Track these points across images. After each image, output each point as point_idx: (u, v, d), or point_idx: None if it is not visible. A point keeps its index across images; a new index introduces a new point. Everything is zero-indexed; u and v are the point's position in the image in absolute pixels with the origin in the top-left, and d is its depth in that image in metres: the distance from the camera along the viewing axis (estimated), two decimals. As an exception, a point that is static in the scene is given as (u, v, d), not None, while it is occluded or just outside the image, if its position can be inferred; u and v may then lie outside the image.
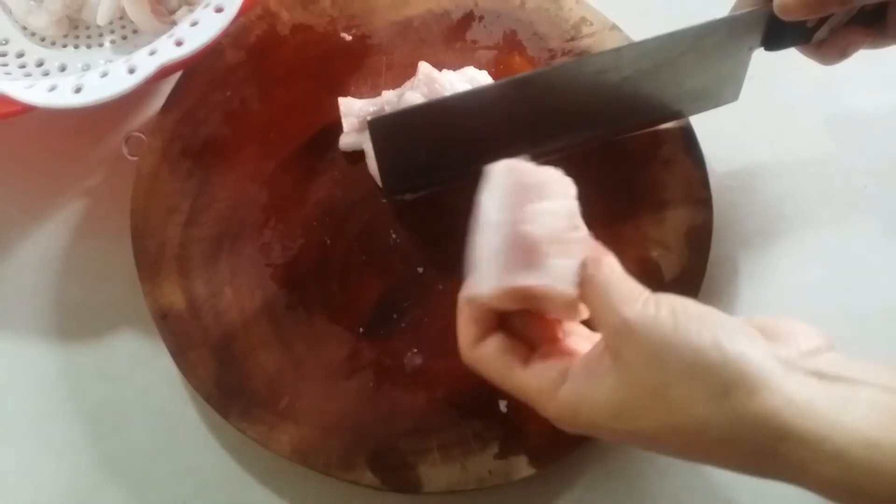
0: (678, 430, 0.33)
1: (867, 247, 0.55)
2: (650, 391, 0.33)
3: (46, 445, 0.50)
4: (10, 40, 0.59)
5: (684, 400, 0.32)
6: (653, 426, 0.33)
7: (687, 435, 0.33)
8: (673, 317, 0.33)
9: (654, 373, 0.33)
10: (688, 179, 0.53)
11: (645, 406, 0.33)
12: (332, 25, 0.58)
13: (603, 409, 0.34)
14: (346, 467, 0.46)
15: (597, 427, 0.35)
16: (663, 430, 0.33)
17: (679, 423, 0.33)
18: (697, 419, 0.32)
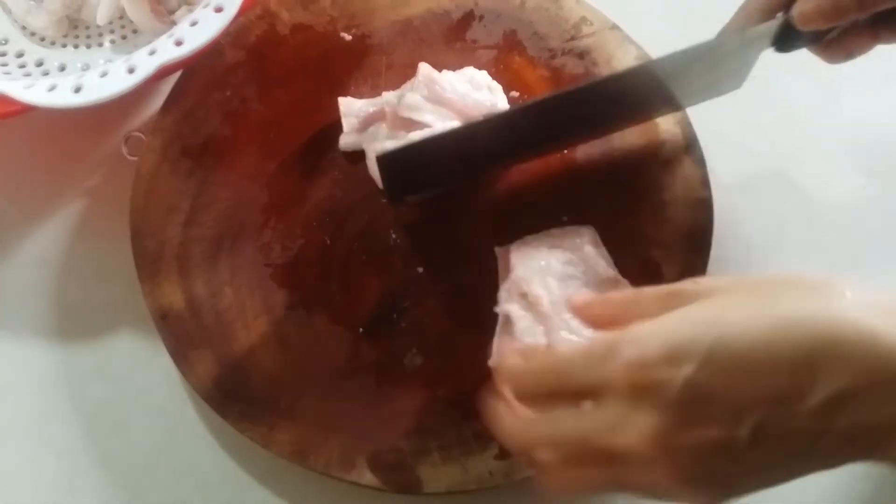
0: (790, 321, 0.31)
1: (867, 247, 0.55)
2: (754, 286, 0.33)
3: (46, 445, 0.50)
4: (9, 40, 0.59)
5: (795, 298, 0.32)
6: (760, 307, 0.32)
7: (800, 301, 0.31)
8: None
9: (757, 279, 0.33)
10: (688, 179, 0.53)
11: (749, 297, 0.32)
12: (332, 25, 0.57)
13: (696, 317, 0.32)
14: (346, 467, 0.46)
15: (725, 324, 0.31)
16: (774, 306, 0.31)
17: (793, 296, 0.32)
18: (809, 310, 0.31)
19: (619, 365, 0.31)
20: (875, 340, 0.30)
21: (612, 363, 0.32)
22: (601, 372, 0.32)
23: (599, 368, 0.32)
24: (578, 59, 0.56)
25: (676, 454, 0.31)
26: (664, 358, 0.31)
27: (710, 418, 0.30)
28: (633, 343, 0.32)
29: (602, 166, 0.53)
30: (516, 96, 0.55)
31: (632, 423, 0.31)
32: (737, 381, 0.30)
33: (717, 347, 0.30)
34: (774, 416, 0.30)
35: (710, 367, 0.30)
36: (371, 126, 0.53)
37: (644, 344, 0.31)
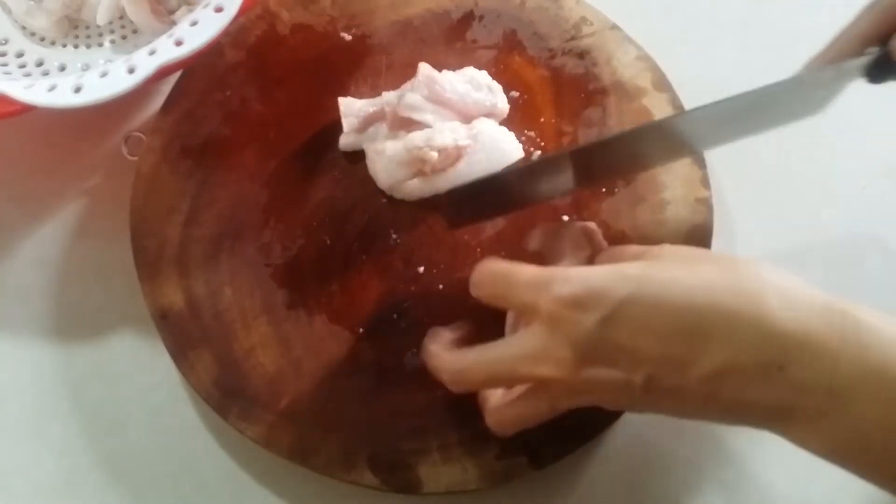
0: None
1: (867, 247, 0.55)
2: (692, 254, 0.38)
3: (46, 445, 0.50)
4: (9, 40, 0.59)
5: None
6: (682, 268, 0.35)
7: (721, 271, 0.34)
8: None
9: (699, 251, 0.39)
10: (688, 179, 0.53)
11: (680, 260, 0.36)
12: (332, 25, 0.57)
13: (630, 271, 0.35)
14: (346, 467, 0.46)
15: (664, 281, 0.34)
16: (694, 269, 0.35)
17: (717, 265, 0.35)
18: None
19: (549, 296, 0.35)
20: (767, 322, 0.32)
21: (547, 293, 0.35)
22: (537, 297, 0.36)
23: (538, 293, 0.36)
24: (578, 59, 0.56)
25: (584, 385, 0.35)
26: (581, 300, 0.34)
27: (611, 362, 0.34)
28: (563, 281, 0.35)
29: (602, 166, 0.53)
30: (516, 96, 0.55)
31: (552, 354, 0.35)
32: (636, 335, 0.34)
33: (626, 302, 0.34)
34: (665, 373, 0.34)
35: (616, 317, 0.34)
36: (371, 126, 0.53)
37: (572, 283, 0.35)
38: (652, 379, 0.34)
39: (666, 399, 0.35)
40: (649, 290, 0.34)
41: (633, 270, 0.35)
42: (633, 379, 0.34)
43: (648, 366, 0.34)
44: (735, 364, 0.33)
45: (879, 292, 0.54)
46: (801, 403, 0.32)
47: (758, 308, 0.33)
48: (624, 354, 0.34)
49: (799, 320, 0.33)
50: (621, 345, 0.34)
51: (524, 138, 0.54)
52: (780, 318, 0.33)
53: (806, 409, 0.32)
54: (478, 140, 0.51)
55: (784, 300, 0.33)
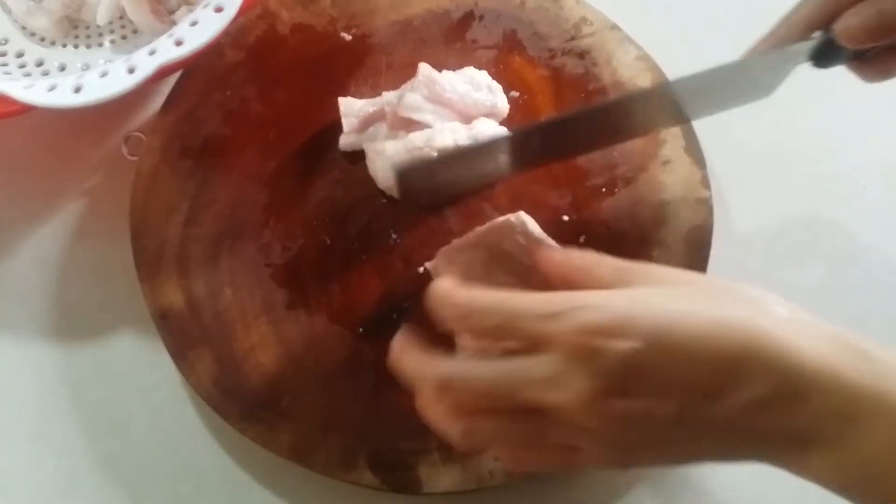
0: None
1: (867, 247, 0.55)
2: (705, 283, 0.37)
3: (46, 445, 0.50)
4: (9, 40, 0.59)
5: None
6: (706, 300, 0.34)
7: (739, 305, 0.34)
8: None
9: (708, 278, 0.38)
10: (688, 179, 0.53)
11: (699, 290, 0.35)
12: (332, 25, 0.57)
13: (655, 299, 0.34)
14: (346, 467, 0.46)
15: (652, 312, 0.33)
16: (717, 304, 0.34)
17: (733, 297, 0.34)
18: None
19: (568, 325, 0.33)
20: (790, 354, 0.32)
21: (563, 322, 0.33)
22: (550, 326, 0.33)
23: (550, 323, 0.33)
24: (578, 59, 0.56)
25: (601, 418, 0.33)
26: (611, 329, 0.32)
27: (640, 392, 0.32)
28: (587, 308, 0.33)
29: (602, 166, 0.53)
30: (516, 96, 0.55)
31: (567, 382, 0.33)
32: (670, 366, 0.32)
33: (660, 331, 0.32)
34: (697, 405, 0.32)
35: (650, 347, 0.32)
36: (371, 126, 0.53)
37: (596, 311, 0.33)
38: (682, 411, 0.33)
39: (689, 433, 0.34)
40: (681, 321, 0.33)
41: (657, 298, 0.34)
42: (660, 412, 0.33)
43: (681, 397, 0.33)
44: (763, 395, 0.32)
45: (879, 292, 0.54)
46: (820, 433, 0.32)
47: (778, 340, 0.33)
48: (654, 385, 0.33)
49: (816, 351, 0.33)
50: (652, 375, 0.32)
51: (524, 138, 0.53)
52: (800, 349, 0.33)
53: (824, 438, 0.32)
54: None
55: (806, 333, 0.34)
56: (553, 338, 0.33)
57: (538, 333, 0.33)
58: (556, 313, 0.33)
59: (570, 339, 0.32)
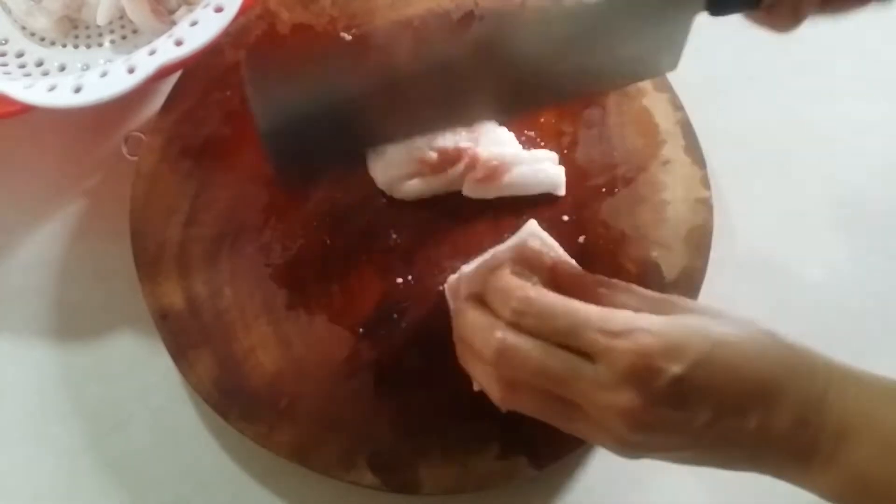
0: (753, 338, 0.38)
1: (867, 247, 0.55)
2: (727, 317, 0.39)
3: (46, 445, 0.50)
4: (9, 40, 0.59)
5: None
6: (738, 332, 0.38)
7: (763, 339, 0.38)
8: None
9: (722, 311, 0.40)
10: (688, 179, 0.53)
11: (728, 323, 0.38)
12: (332, 25, 0.57)
13: (695, 325, 0.37)
14: (346, 467, 0.46)
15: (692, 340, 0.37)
16: (742, 337, 0.38)
17: (755, 331, 0.38)
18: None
19: (627, 345, 0.36)
20: (803, 382, 0.37)
21: (623, 340, 0.36)
22: (612, 342, 0.36)
23: (611, 339, 0.36)
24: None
25: (639, 423, 0.37)
26: (666, 352, 0.36)
27: (680, 406, 0.36)
28: (645, 332, 0.36)
29: (602, 166, 0.53)
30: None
31: (617, 393, 0.36)
32: (710, 387, 0.36)
33: (709, 355, 0.36)
34: (724, 420, 0.37)
35: (696, 370, 0.36)
36: (371, 126, 0.53)
37: (652, 336, 0.36)
38: (710, 424, 0.37)
39: (711, 439, 0.37)
40: (724, 350, 0.37)
41: (701, 325, 0.37)
42: (694, 422, 0.37)
43: (710, 413, 0.37)
44: (779, 416, 0.37)
45: (879, 292, 0.54)
46: (817, 450, 0.37)
47: (795, 370, 0.38)
48: (692, 403, 0.37)
49: (818, 379, 0.37)
50: (692, 395, 0.36)
51: (524, 138, 0.53)
52: (809, 377, 0.37)
53: (821, 454, 0.37)
54: (520, 159, 0.51)
55: (808, 363, 0.38)
56: (612, 351, 0.36)
57: (600, 345, 0.37)
58: (618, 332, 0.37)
59: (627, 357, 0.36)
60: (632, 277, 0.50)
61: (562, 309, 0.38)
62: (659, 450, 0.39)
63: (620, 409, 0.36)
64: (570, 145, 0.54)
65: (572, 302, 0.38)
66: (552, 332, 0.38)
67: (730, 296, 0.53)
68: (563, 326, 0.38)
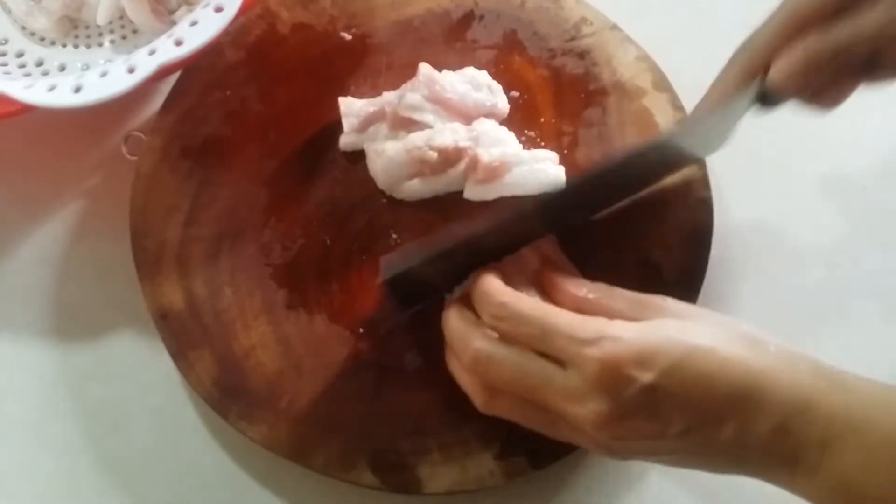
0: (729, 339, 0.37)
1: (867, 247, 0.55)
2: (710, 320, 0.39)
3: (45, 445, 0.50)
4: (9, 40, 0.59)
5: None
6: (715, 337, 0.37)
7: (741, 344, 0.37)
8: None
9: (709, 314, 0.40)
10: (688, 179, 0.53)
11: (707, 327, 0.38)
12: (332, 25, 0.57)
13: (669, 332, 0.37)
14: (346, 467, 0.46)
15: (662, 348, 0.36)
16: (718, 343, 0.37)
17: (736, 335, 0.38)
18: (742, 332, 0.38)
19: (597, 353, 0.36)
20: (784, 389, 0.36)
21: (593, 348, 0.36)
22: (582, 349, 0.36)
23: (582, 346, 0.37)
24: (579, 59, 0.56)
25: (611, 431, 0.37)
26: (635, 361, 0.36)
27: (653, 415, 0.36)
28: (614, 340, 0.36)
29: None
30: (516, 96, 0.55)
31: (587, 401, 0.36)
32: (682, 396, 0.36)
33: (678, 365, 0.36)
34: (700, 429, 0.36)
35: (667, 379, 0.36)
36: (371, 126, 0.53)
37: (622, 344, 0.36)
38: (686, 433, 0.36)
39: (686, 447, 0.37)
40: (696, 357, 0.36)
41: (676, 332, 0.37)
42: (667, 431, 0.36)
43: (684, 422, 0.36)
44: (758, 425, 0.36)
45: (880, 292, 0.54)
46: (802, 457, 0.36)
47: (775, 378, 0.36)
48: (661, 411, 0.36)
49: (802, 386, 0.36)
50: (664, 404, 0.36)
51: (524, 138, 0.53)
52: (791, 387, 0.36)
53: (806, 461, 0.36)
54: (521, 159, 0.51)
55: (791, 368, 0.37)
56: (581, 359, 0.36)
57: (569, 353, 0.37)
58: (587, 339, 0.36)
59: (596, 365, 0.36)
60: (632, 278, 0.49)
61: (533, 315, 0.38)
62: (641, 453, 0.39)
63: (590, 417, 0.36)
64: (570, 145, 0.54)
65: (545, 308, 0.38)
66: (526, 338, 0.38)
67: (730, 296, 0.53)
68: (535, 333, 0.38)
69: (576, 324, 0.37)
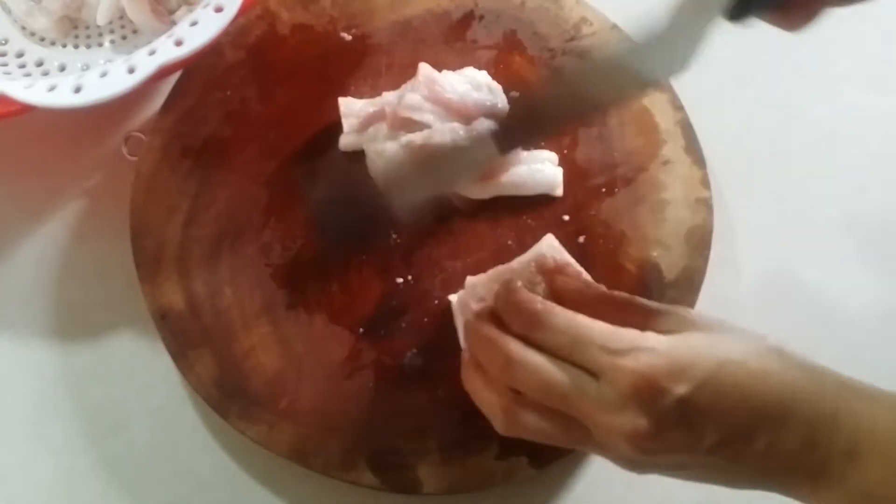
0: (759, 355, 0.37)
1: (867, 247, 0.55)
2: (737, 333, 0.38)
3: (45, 445, 0.50)
4: (9, 40, 0.59)
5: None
6: (745, 351, 0.37)
7: (770, 357, 0.37)
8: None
9: (732, 326, 0.39)
10: (688, 179, 0.53)
11: (735, 340, 0.38)
12: (332, 25, 0.57)
13: (700, 345, 0.37)
14: (346, 467, 0.46)
15: (695, 363, 0.36)
16: (748, 356, 0.37)
17: (763, 348, 0.37)
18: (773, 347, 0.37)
19: (631, 363, 0.36)
20: (812, 403, 0.36)
21: (628, 359, 0.36)
22: (616, 361, 0.36)
23: (615, 357, 0.36)
24: (579, 60, 0.56)
25: (646, 444, 0.36)
26: (670, 372, 0.35)
27: (687, 428, 0.36)
28: (649, 351, 0.36)
29: (602, 166, 0.53)
30: (516, 96, 0.55)
31: (620, 413, 0.36)
32: (715, 409, 0.36)
33: (715, 375, 0.36)
34: (731, 442, 0.36)
35: (701, 392, 0.35)
36: (371, 126, 0.53)
37: (657, 356, 0.36)
38: (720, 443, 0.36)
39: (717, 460, 0.37)
40: (729, 370, 0.36)
41: (707, 345, 0.37)
42: (700, 443, 0.36)
43: (716, 435, 0.36)
44: (788, 436, 0.36)
45: (880, 293, 0.54)
46: (828, 469, 0.36)
47: (804, 389, 0.36)
48: (698, 424, 0.36)
49: (828, 399, 0.36)
50: (698, 417, 0.36)
51: (524, 138, 0.53)
52: (819, 397, 0.36)
53: (831, 474, 0.36)
54: (519, 159, 0.51)
55: (818, 382, 0.37)
56: (616, 370, 0.36)
57: (602, 363, 0.36)
58: (622, 350, 0.36)
59: (631, 377, 0.35)
60: (632, 277, 0.50)
61: (567, 324, 0.38)
62: (665, 468, 0.38)
63: (624, 430, 0.36)
64: (570, 145, 0.54)
65: (578, 317, 0.38)
66: (558, 348, 0.38)
67: (730, 296, 0.53)
68: (568, 342, 0.37)
69: (609, 334, 0.37)
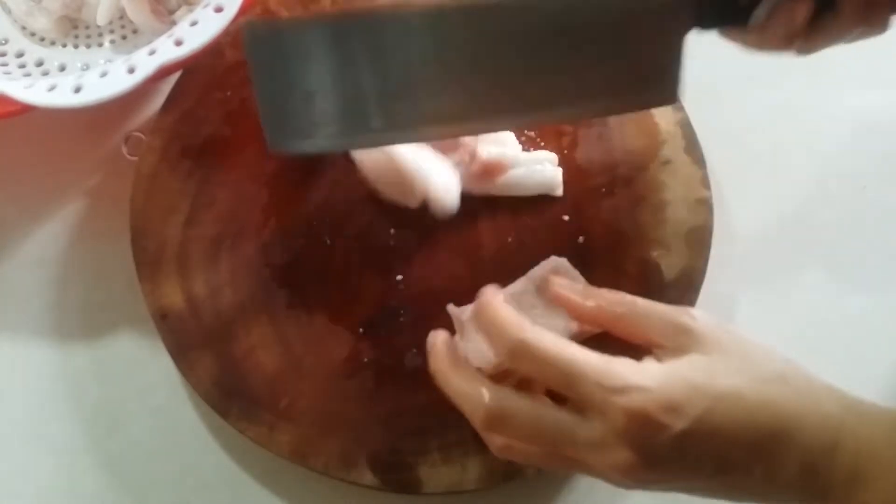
0: (763, 380, 0.36)
1: (867, 248, 0.55)
2: (738, 354, 0.37)
3: (45, 445, 0.50)
4: (9, 40, 0.59)
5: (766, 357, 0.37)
6: (742, 381, 0.36)
7: (769, 385, 0.36)
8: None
9: (737, 342, 0.38)
10: (688, 179, 0.53)
11: (734, 365, 0.37)
12: (332, 25, 0.57)
13: (697, 377, 0.36)
14: (346, 467, 0.46)
15: (695, 394, 0.35)
16: (746, 387, 0.36)
17: (763, 374, 0.36)
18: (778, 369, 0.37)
19: (624, 402, 0.35)
20: (815, 430, 0.36)
21: (620, 398, 0.35)
22: (607, 398, 0.35)
23: (607, 395, 0.35)
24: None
25: (639, 478, 0.36)
26: (664, 411, 0.35)
27: (682, 462, 0.35)
28: (641, 391, 0.35)
29: (602, 166, 0.53)
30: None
31: (613, 451, 0.35)
32: (710, 445, 0.35)
33: (709, 412, 0.35)
34: (726, 475, 0.36)
35: (699, 425, 0.35)
36: (371, 126, 0.53)
37: (649, 395, 0.35)
38: (717, 474, 0.36)
39: (721, 486, 0.37)
40: (724, 405, 0.35)
41: (703, 379, 0.36)
42: (695, 476, 0.36)
43: (711, 469, 0.36)
44: (787, 465, 0.36)
45: (880, 293, 0.54)
46: (831, 494, 0.35)
47: (805, 416, 0.36)
48: (693, 459, 0.36)
49: (829, 426, 0.36)
50: (693, 452, 0.35)
51: (524, 138, 0.53)
52: (819, 424, 0.36)
53: (833, 497, 0.35)
54: (519, 161, 0.51)
55: (818, 406, 0.36)
56: (607, 408, 0.35)
57: (594, 400, 0.35)
58: (619, 388, 0.35)
59: (623, 417, 0.35)
60: (632, 277, 0.50)
61: (557, 357, 0.36)
62: (662, 491, 0.38)
63: (618, 466, 0.35)
64: (570, 145, 0.54)
65: (569, 349, 0.36)
66: (547, 380, 0.37)
67: (730, 296, 0.53)
68: (558, 376, 0.36)
69: (601, 370, 0.36)
